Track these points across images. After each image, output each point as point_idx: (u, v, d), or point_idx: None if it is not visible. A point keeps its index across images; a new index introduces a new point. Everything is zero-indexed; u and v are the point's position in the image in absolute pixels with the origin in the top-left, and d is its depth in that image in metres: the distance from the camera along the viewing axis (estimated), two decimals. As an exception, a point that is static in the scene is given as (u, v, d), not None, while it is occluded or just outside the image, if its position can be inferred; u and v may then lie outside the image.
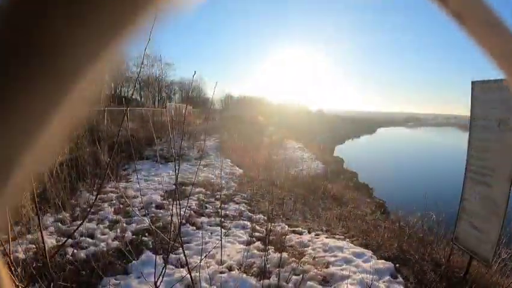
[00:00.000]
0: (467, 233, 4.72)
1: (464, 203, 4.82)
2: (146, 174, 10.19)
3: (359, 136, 63.47)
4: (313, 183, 11.48)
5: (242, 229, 6.07)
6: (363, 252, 5.18)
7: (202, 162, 12.31)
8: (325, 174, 14.65)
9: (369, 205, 12.01)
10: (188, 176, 9.61)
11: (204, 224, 6.13)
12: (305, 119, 46.07)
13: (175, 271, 4.34)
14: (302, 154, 19.48)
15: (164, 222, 6.22)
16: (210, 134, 20.01)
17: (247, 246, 5.19)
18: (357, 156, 22.23)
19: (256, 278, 4.15)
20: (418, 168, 27.12)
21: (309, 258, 4.89)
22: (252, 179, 8.10)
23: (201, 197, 7.68)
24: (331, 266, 4.72)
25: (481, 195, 4.51)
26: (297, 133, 29.49)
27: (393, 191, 16.01)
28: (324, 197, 10.03)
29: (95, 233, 5.55)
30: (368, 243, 5.83)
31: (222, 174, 10.53)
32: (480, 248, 4.42)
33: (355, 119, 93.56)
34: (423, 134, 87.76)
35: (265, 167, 11.23)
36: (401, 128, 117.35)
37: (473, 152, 4.73)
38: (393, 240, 6.04)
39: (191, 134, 14.13)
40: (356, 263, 4.82)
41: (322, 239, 5.83)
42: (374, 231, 6.84)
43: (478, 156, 4.64)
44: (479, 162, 4.60)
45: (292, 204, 8.18)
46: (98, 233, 5.59)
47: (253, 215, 6.72)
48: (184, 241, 5.43)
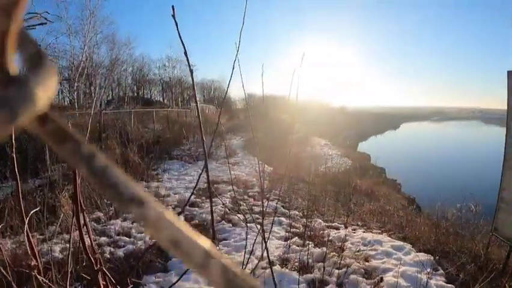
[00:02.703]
0: (506, 223, 4.61)
1: (503, 193, 4.71)
2: (176, 174, 10.28)
3: (383, 132, 62.76)
4: (343, 179, 11.39)
5: (279, 225, 6.08)
6: (402, 246, 5.14)
7: (230, 160, 12.36)
8: (353, 170, 14.52)
9: (400, 200, 11.88)
10: (218, 174, 9.67)
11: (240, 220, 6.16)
12: (328, 116, 45.74)
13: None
14: (329, 151, 19.41)
15: (200, 219, 6.27)
16: (235, 133, 20.11)
17: (286, 241, 5.19)
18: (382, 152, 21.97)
19: (298, 273, 4.15)
20: (445, 163, 26.64)
21: (349, 252, 4.86)
22: (282, 176, 8.06)
23: (234, 194, 7.71)
24: (372, 260, 4.70)
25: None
26: (322, 130, 29.37)
27: (422, 186, 15.79)
28: (355, 193, 9.94)
29: (131, 232, 5.60)
30: (405, 236, 5.78)
31: (253, 171, 10.56)
32: (521, 238, 4.33)
33: (378, 115, 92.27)
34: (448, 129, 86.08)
35: (294, 164, 11.18)
36: (425, 122, 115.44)
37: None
38: (431, 233, 5.97)
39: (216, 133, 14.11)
40: (396, 256, 4.79)
41: (359, 233, 5.80)
42: (409, 225, 6.77)
43: (516, 145, 4.54)
44: (517, 152, 4.50)
45: (325, 200, 8.14)
46: (134, 231, 5.64)
47: (288, 211, 6.71)
48: (221, 238, 5.48)
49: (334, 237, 5.45)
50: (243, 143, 17.41)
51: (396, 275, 4.10)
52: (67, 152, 0.23)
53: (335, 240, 5.36)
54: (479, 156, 29.62)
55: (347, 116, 61.51)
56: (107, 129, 13.39)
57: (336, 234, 5.60)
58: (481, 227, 6.19)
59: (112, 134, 12.41)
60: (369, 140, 47.14)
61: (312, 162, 12.90)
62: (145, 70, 41.55)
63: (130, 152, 10.71)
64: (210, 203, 1.50)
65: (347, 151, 20.76)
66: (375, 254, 4.85)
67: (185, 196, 7.59)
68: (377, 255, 4.84)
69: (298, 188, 9.50)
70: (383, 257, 4.79)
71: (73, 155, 0.23)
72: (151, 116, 18.31)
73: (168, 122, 19.12)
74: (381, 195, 11.37)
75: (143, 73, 41.15)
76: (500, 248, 5.37)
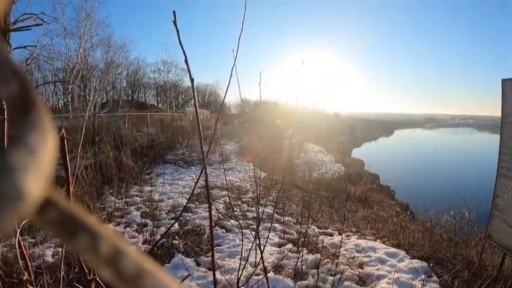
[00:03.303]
0: (500, 230, 4.63)
1: (497, 200, 4.72)
2: (169, 178, 10.22)
3: (377, 138, 63.01)
4: (337, 185, 11.41)
5: (272, 231, 6.05)
6: (396, 252, 5.15)
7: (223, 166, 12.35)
8: (347, 176, 14.53)
9: (394, 207, 11.90)
10: (212, 179, 9.63)
11: (233, 226, 6.13)
12: (322, 122, 45.79)
13: (209, 274, 4.33)
14: (323, 157, 19.43)
15: (193, 225, 6.23)
16: (230, 138, 20.08)
17: (280, 248, 5.17)
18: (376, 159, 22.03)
19: (292, 279, 4.13)
20: (439, 170, 26.76)
21: (344, 259, 4.85)
22: (276, 182, 8.05)
23: (228, 200, 7.67)
24: (366, 266, 4.69)
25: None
26: (315, 136, 29.40)
27: (416, 192, 15.82)
28: (348, 199, 9.95)
29: (123, 237, 5.56)
30: (399, 243, 5.78)
31: (245, 177, 10.54)
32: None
33: (372, 121, 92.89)
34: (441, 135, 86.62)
35: (288, 170, 11.17)
36: (419, 129, 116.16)
37: (505, 149, 4.66)
38: (424, 240, 5.99)
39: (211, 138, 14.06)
40: (390, 262, 4.80)
41: (353, 240, 5.80)
42: (403, 231, 6.78)
43: (510, 152, 4.56)
44: (511, 159, 4.52)
45: (319, 207, 8.13)
46: (126, 236, 5.61)
47: (281, 217, 6.69)
48: (214, 244, 5.44)
49: (328, 244, 5.44)
50: (237, 148, 17.38)
51: (390, 282, 4.10)
52: (81, 249, 0.17)
53: (328, 247, 5.34)
54: (473, 163, 29.84)
55: (341, 122, 61.81)
56: (101, 132, 13.34)
57: (330, 241, 5.58)
58: (474, 234, 6.24)
59: (105, 137, 12.36)
60: (362, 147, 47.35)
61: (306, 168, 12.92)
62: (140, 74, 41.49)
63: (124, 155, 10.65)
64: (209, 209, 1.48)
65: (340, 157, 20.76)
66: (369, 261, 4.84)
67: (179, 201, 7.54)
68: (371, 262, 4.83)
69: (292, 194, 9.49)
70: (377, 263, 4.79)
71: (90, 253, 0.17)
72: (145, 119, 18.27)
73: (162, 126, 19.10)
74: (375, 202, 11.40)
75: (138, 77, 41.07)
76: (493, 254, 5.42)
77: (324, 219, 7.22)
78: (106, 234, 0.18)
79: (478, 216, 6.57)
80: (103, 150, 10.81)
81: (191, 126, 20.54)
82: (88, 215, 0.17)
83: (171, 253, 5.06)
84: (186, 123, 22.49)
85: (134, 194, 8.05)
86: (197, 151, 13.77)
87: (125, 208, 7.07)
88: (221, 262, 4.69)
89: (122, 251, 0.17)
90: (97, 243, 0.17)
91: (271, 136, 17.16)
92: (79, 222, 0.17)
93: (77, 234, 0.17)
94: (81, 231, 0.17)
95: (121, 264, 0.17)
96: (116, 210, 6.89)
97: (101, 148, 10.98)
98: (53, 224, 0.17)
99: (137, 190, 8.42)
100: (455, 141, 67.40)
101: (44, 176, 0.17)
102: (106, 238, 0.17)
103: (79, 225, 0.17)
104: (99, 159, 10.03)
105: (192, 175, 10.49)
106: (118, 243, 0.18)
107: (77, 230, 0.17)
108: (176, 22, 1.14)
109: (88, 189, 6.99)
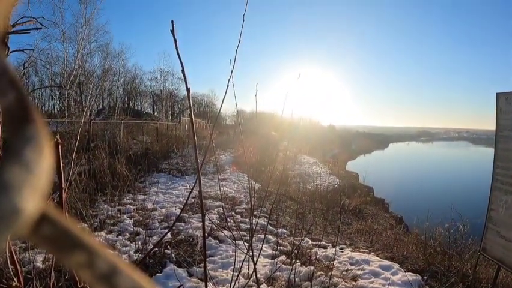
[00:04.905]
0: (494, 243, 4.62)
1: (491, 213, 4.73)
2: (163, 188, 10.17)
3: (371, 151, 63.14)
4: (331, 197, 11.39)
5: (265, 243, 6.02)
6: (390, 265, 5.12)
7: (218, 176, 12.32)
8: (341, 189, 14.53)
9: (388, 219, 11.90)
10: (206, 189, 9.60)
11: (226, 237, 6.09)
12: (317, 134, 45.96)
13: (201, 285, 4.29)
14: (317, 169, 19.40)
15: (186, 235, 6.19)
16: (225, 148, 20.06)
17: (273, 259, 5.14)
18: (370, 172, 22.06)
19: (285, 292, 4.10)
20: (433, 183, 26.83)
21: (337, 272, 4.82)
22: (270, 193, 8.04)
23: (221, 210, 7.63)
24: (359, 279, 4.67)
25: (508, 205, 4.43)
26: (310, 148, 29.42)
27: (410, 205, 15.79)
28: (343, 212, 9.94)
29: (116, 245, 5.52)
30: (393, 256, 5.77)
31: (239, 188, 10.51)
32: (509, 258, 4.33)
33: (366, 134, 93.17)
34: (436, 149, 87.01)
35: (282, 182, 11.16)
36: (413, 142, 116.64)
37: (499, 163, 4.67)
38: (419, 253, 5.98)
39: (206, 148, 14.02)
40: (384, 275, 4.77)
41: (347, 252, 5.78)
42: (397, 244, 6.77)
43: (504, 166, 4.58)
44: (505, 172, 4.53)
45: (313, 219, 8.11)
46: (118, 244, 5.56)
47: (275, 229, 6.66)
48: (207, 254, 5.40)
49: (321, 256, 5.41)
50: (232, 159, 17.34)
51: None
52: (77, 266, 0.17)
53: (322, 259, 5.32)
54: (467, 176, 29.93)
55: (336, 134, 61.98)
56: (96, 139, 13.30)
57: (323, 253, 5.55)
58: (469, 247, 6.24)
59: (100, 144, 12.31)
60: (357, 159, 47.36)
61: (301, 180, 12.90)
62: (137, 82, 41.55)
63: (118, 163, 10.60)
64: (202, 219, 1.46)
65: (335, 170, 20.78)
66: (362, 274, 4.82)
67: (172, 211, 7.50)
68: (364, 274, 4.81)
69: (287, 206, 9.47)
70: (371, 276, 4.76)
71: (86, 270, 0.17)
72: (140, 127, 18.26)
73: (157, 134, 19.07)
74: (369, 214, 11.40)
75: (135, 84, 41.12)
76: (488, 267, 5.44)
77: (318, 232, 7.20)
78: (102, 251, 0.17)
79: (472, 229, 6.58)
80: (97, 157, 10.76)
81: (186, 135, 20.53)
82: (84, 232, 0.16)
83: (163, 263, 5.01)
84: (181, 133, 22.48)
85: (127, 202, 8.00)
86: (191, 161, 13.73)
87: (118, 216, 7.02)
88: (213, 273, 4.65)
89: (119, 269, 0.17)
90: (93, 261, 0.17)
91: (266, 147, 17.14)
92: (75, 239, 0.17)
93: (73, 251, 0.17)
94: (77, 248, 0.17)
95: (117, 282, 0.17)
96: (108, 218, 6.84)
97: (96, 155, 10.94)
98: (49, 240, 0.17)
99: (130, 198, 8.37)
100: (450, 154, 67.69)
101: (40, 192, 0.17)
102: (103, 255, 0.17)
103: (75, 242, 0.17)
104: (93, 166, 9.99)
105: (185, 184, 10.45)
106: (115, 261, 0.17)
107: (73, 246, 0.17)
108: (174, 31, 1.14)
109: (81, 195, 6.95)
